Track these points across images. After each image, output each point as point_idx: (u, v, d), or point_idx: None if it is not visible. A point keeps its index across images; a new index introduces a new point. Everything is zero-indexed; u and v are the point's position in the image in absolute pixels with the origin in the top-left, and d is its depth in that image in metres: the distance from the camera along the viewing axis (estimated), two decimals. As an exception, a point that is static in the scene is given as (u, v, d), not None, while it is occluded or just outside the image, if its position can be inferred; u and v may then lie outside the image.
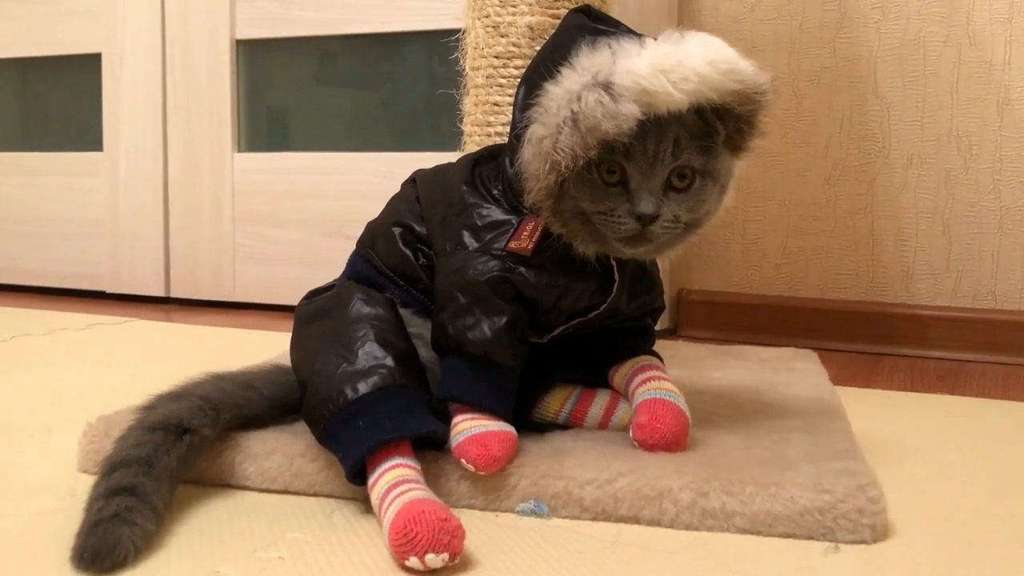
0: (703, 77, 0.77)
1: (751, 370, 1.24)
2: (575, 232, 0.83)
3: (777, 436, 0.89)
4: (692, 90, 0.77)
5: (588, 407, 0.91)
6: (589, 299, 0.88)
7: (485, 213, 0.88)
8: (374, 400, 0.79)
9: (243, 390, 0.88)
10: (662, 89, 0.76)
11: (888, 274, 1.70)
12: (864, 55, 1.68)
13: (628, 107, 0.76)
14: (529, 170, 0.81)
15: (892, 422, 1.13)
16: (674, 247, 0.86)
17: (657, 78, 0.76)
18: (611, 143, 0.77)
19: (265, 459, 0.84)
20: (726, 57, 0.79)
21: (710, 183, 0.83)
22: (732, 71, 0.79)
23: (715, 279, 1.83)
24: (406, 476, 0.75)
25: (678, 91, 0.76)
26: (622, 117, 0.76)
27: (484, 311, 0.84)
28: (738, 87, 0.79)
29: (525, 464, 0.80)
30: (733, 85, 0.79)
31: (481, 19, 1.11)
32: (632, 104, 0.76)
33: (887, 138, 1.68)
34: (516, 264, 0.85)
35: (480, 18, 1.12)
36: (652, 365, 0.91)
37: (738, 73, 0.79)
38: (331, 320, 0.87)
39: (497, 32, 1.09)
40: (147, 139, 2.16)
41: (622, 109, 0.76)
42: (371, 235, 0.97)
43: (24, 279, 2.33)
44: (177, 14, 2.11)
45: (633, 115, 0.76)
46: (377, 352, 0.82)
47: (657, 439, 0.83)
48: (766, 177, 1.77)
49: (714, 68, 0.78)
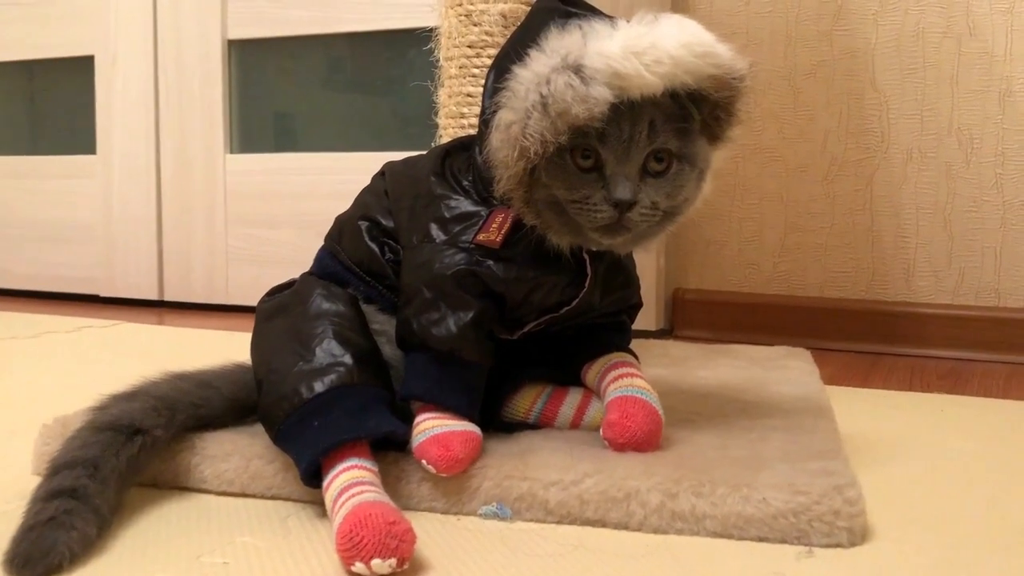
0: (677, 60, 0.74)
1: (740, 369, 1.20)
2: (549, 223, 0.80)
3: (756, 435, 0.86)
4: (666, 73, 0.74)
5: (559, 406, 0.88)
6: (560, 294, 0.85)
7: (454, 205, 0.85)
8: (330, 399, 0.75)
9: (201, 389, 0.85)
10: (634, 72, 0.73)
11: (888, 272, 1.66)
12: (862, 47, 1.65)
13: (599, 90, 0.73)
14: (498, 157, 0.78)
15: (885, 422, 1.09)
16: (652, 237, 0.83)
17: (629, 60, 0.73)
18: (583, 128, 0.74)
19: (222, 461, 0.81)
20: (702, 40, 0.76)
21: (688, 168, 0.79)
22: (708, 54, 0.76)
23: (712, 278, 1.80)
24: (360, 478, 0.71)
25: (651, 74, 0.73)
26: (593, 101, 0.73)
27: (450, 306, 0.81)
28: (714, 71, 0.76)
29: (488, 465, 0.77)
30: (709, 69, 0.76)
31: (454, 7, 1.08)
32: (603, 87, 0.73)
33: (886, 132, 1.64)
34: (484, 257, 0.82)
35: (453, 7, 1.08)
36: (625, 362, 0.87)
37: (714, 57, 0.76)
38: (290, 317, 0.84)
39: (470, 21, 1.06)
40: (140, 141, 2.15)
41: (593, 92, 0.73)
42: (338, 229, 0.94)
43: (17, 283, 2.32)
44: (169, 14, 2.09)
45: (604, 99, 0.73)
46: (335, 350, 0.79)
47: (627, 438, 0.79)
48: (763, 173, 1.73)
49: (689, 51, 0.75)
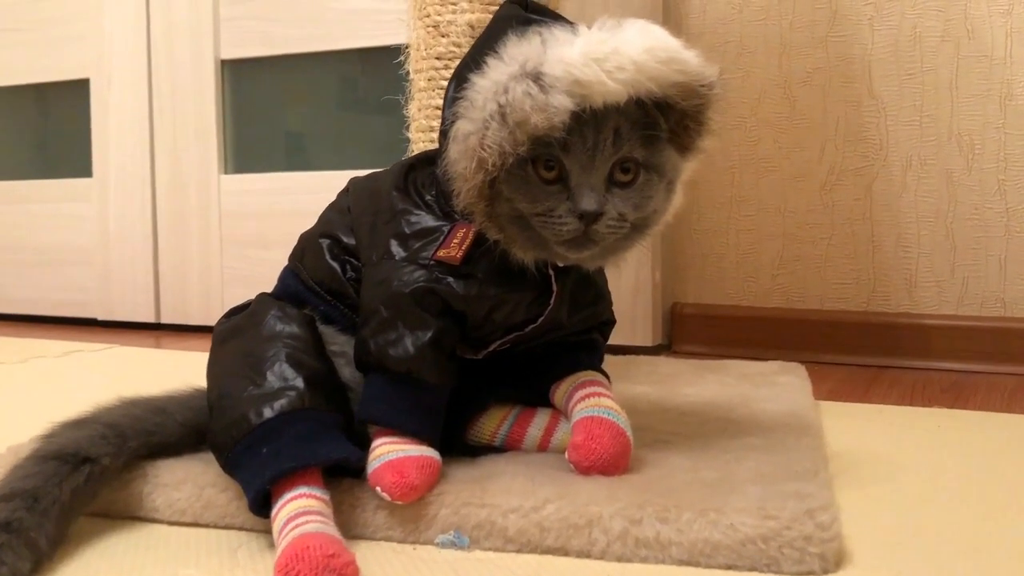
0: (640, 66, 0.71)
1: (727, 386, 1.16)
2: (512, 237, 0.77)
3: (731, 456, 0.82)
4: (628, 80, 0.71)
5: (526, 428, 0.85)
6: (525, 312, 0.82)
7: (414, 220, 0.82)
8: (279, 425, 0.73)
9: (154, 415, 0.82)
10: (596, 79, 0.70)
11: (890, 282, 1.61)
12: (858, 54, 1.61)
13: (559, 99, 0.70)
14: (456, 169, 0.75)
15: (879, 439, 1.05)
16: (622, 251, 0.80)
17: (590, 67, 0.70)
18: (545, 138, 0.71)
19: (174, 489, 0.78)
20: (666, 46, 0.73)
21: (656, 178, 0.76)
22: (672, 60, 0.73)
23: (709, 292, 1.76)
24: (307, 507, 0.68)
25: (613, 81, 0.70)
26: (553, 110, 0.70)
27: (408, 325, 0.78)
28: (680, 78, 0.73)
29: (446, 491, 0.74)
30: (675, 76, 0.73)
31: (422, 19, 1.06)
32: (563, 96, 0.70)
33: (885, 140, 1.60)
34: (444, 274, 0.79)
35: (421, 18, 1.06)
36: (594, 381, 0.84)
37: (679, 63, 0.73)
38: (243, 340, 0.81)
39: (438, 32, 1.03)
40: (135, 164, 2.14)
41: (552, 101, 0.70)
42: (301, 247, 0.92)
43: (15, 308, 2.31)
44: (162, 36, 2.09)
45: (565, 107, 0.70)
46: (287, 373, 0.76)
47: (593, 461, 0.76)
48: (760, 184, 1.70)
49: (652, 56, 0.72)
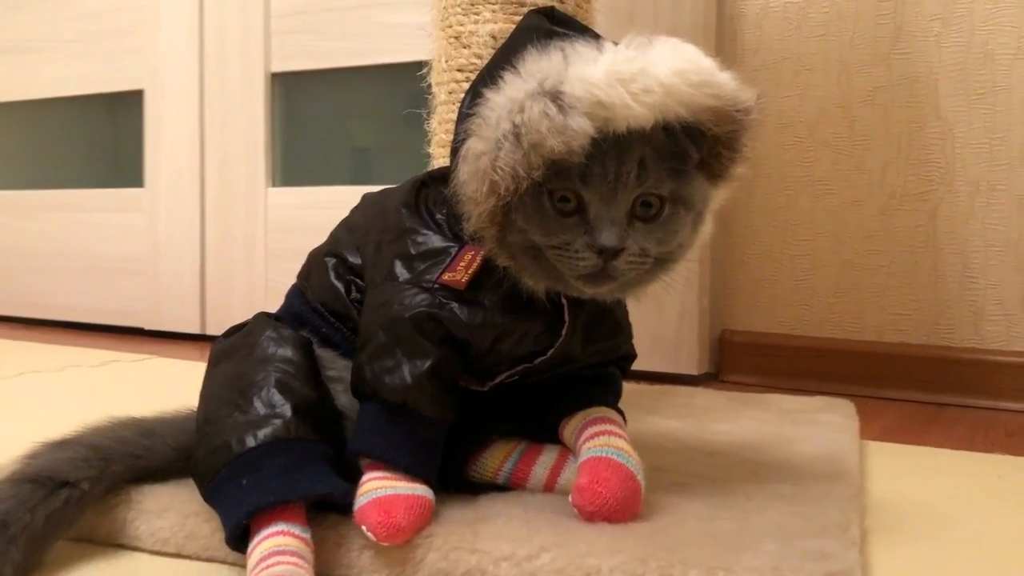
0: (669, 89, 0.65)
1: (765, 423, 1.09)
2: (524, 266, 0.72)
3: (754, 504, 0.75)
4: (655, 104, 0.65)
5: (531, 466, 0.79)
6: (534, 343, 0.76)
7: (421, 240, 0.77)
8: (261, 456, 0.69)
9: (143, 438, 0.79)
10: (620, 101, 0.64)
11: (954, 315, 1.52)
12: (923, 72, 1.52)
13: (578, 121, 0.64)
14: (466, 192, 0.70)
15: (930, 487, 0.96)
16: (643, 285, 0.74)
17: (614, 88, 0.65)
18: (562, 164, 0.66)
19: (157, 517, 0.75)
20: (699, 67, 0.67)
21: (683, 211, 0.70)
22: (705, 84, 0.67)
23: (761, 319, 1.68)
24: (282, 547, 0.64)
25: (639, 104, 0.65)
26: (571, 133, 0.64)
27: (406, 352, 0.73)
28: (713, 103, 0.67)
29: (436, 534, 0.68)
30: (707, 100, 0.67)
31: (445, 29, 1.01)
32: (583, 118, 0.64)
33: (951, 163, 1.51)
34: (448, 299, 0.74)
35: (444, 29, 1.02)
36: (605, 418, 0.78)
37: (713, 87, 0.67)
38: (235, 361, 0.77)
39: (459, 43, 0.99)
40: (185, 175, 2.15)
41: (571, 123, 0.64)
42: (307, 266, 0.88)
43: (65, 315, 2.33)
44: (215, 48, 2.09)
45: (584, 131, 0.64)
46: (275, 400, 0.72)
47: (598, 506, 0.70)
48: (816, 208, 1.61)
49: (683, 79, 0.66)
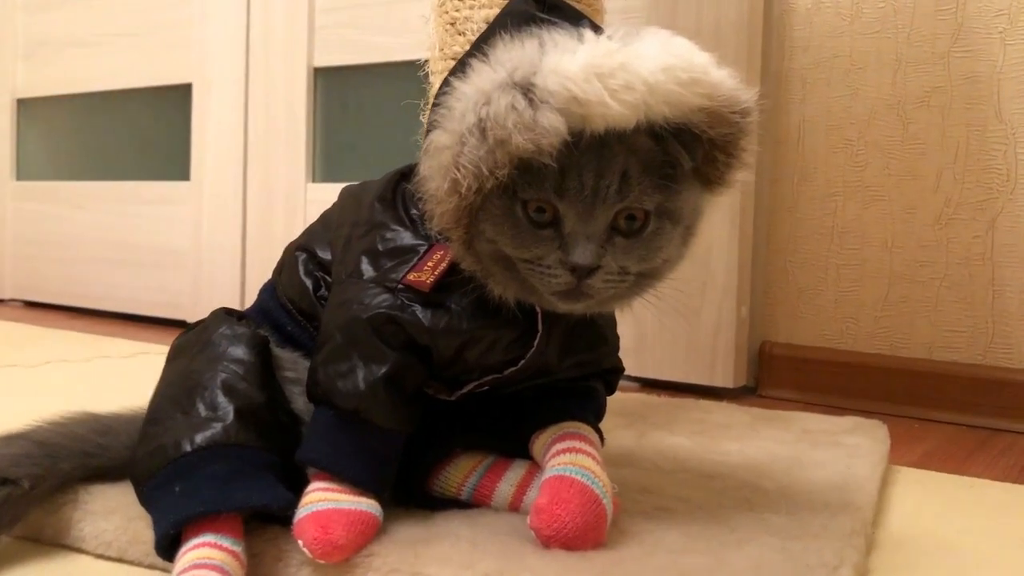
0: (653, 87, 0.59)
1: (782, 443, 1.01)
2: (492, 273, 0.67)
3: (736, 537, 0.68)
4: (636, 102, 0.59)
5: (497, 482, 0.73)
6: (504, 352, 0.71)
7: (390, 236, 0.72)
8: (196, 461, 0.65)
9: (98, 436, 0.76)
10: (596, 98, 0.58)
11: (1012, 333, 1.40)
12: (985, 72, 1.41)
13: (550, 118, 0.59)
14: (428, 188, 0.65)
15: (958, 522, 0.87)
16: (624, 300, 0.68)
17: (591, 83, 0.59)
18: (535, 168, 0.60)
19: (103, 519, 0.71)
20: (689, 64, 0.61)
21: (669, 226, 0.64)
22: (695, 82, 0.60)
23: (804, 332, 1.58)
24: (206, 560, 0.60)
25: (617, 102, 0.59)
26: (541, 131, 0.59)
27: (362, 356, 0.68)
28: (706, 104, 0.61)
29: (376, 554, 0.64)
30: (698, 100, 0.61)
31: (442, 16, 0.97)
32: (555, 115, 0.59)
33: (1013, 170, 1.40)
34: (411, 301, 0.69)
35: (441, 15, 0.97)
36: (578, 434, 0.71)
37: (704, 85, 0.61)
38: (187, 359, 0.74)
39: (455, 29, 0.94)
40: (229, 169, 2.14)
41: (542, 120, 0.59)
42: (282, 260, 0.84)
43: (109, 305, 2.35)
44: (260, 42, 2.08)
45: (556, 129, 0.59)
46: (219, 401, 0.68)
47: (555, 530, 0.64)
48: (865, 215, 1.51)
49: (670, 76, 0.60)
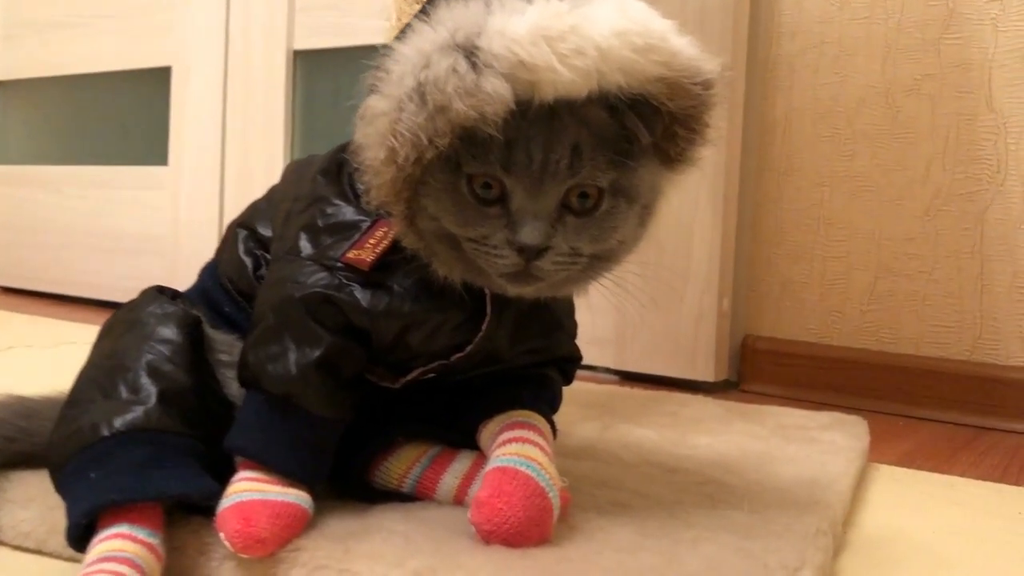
0: (605, 52, 0.55)
1: (754, 438, 0.97)
2: (436, 252, 0.62)
3: (692, 535, 0.64)
4: (588, 68, 0.55)
5: (442, 474, 0.69)
6: (449, 337, 0.67)
7: (331, 212, 0.68)
8: (113, 447, 0.60)
9: (22, 420, 0.72)
10: (544, 63, 0.54)
11: (1001, 329, 1.36)
12: (977, 59, 1.37)
13: (494, 83, 0.55)
14: (365, 158, 0.61)
15: (935, 522, 0.83)
16: (578, 284, 0.64)
17: (539, 47, 0.54)
18: (479, 138, 0.56)
19: (21, 508, 0.67)
20: (646, 28, 0.57)
21: (624, 204, 0.60)
22: (652, 48, 0.56)
23: (788, 326, 1.54)
24: (117, 552, 0.56)
25: (567, 67, 0.54)
26: (484, 96, 0.54)
27: (294, 338, 0.64)
28: (664, 73, 0.57)
29: (304, 548, 0.59)
30: (655, 69, 0.56)
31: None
32: (500, 80, 0.55)
33: (1004, 161, 1.35)
34: (349, 281, 0.65)
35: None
36: (527, 423, 0.67)
37: (662, 52, 0.57)
38: (113, 338, 0.70)
39: (415, 0, 0.90)
40: (207, 153, 2.10)
41: (485, 85, 0.55)
42: (224, 238, 0.80)
43: (85, 291, 2.30)
44: (240, 26, 2.04)
45: (500, 96, 0.54)
46: (142, 383, 0.64)
47: (496, 525, 0.60)
48: (852, 205, 1.47)
49: (624, 41, 0.55)
